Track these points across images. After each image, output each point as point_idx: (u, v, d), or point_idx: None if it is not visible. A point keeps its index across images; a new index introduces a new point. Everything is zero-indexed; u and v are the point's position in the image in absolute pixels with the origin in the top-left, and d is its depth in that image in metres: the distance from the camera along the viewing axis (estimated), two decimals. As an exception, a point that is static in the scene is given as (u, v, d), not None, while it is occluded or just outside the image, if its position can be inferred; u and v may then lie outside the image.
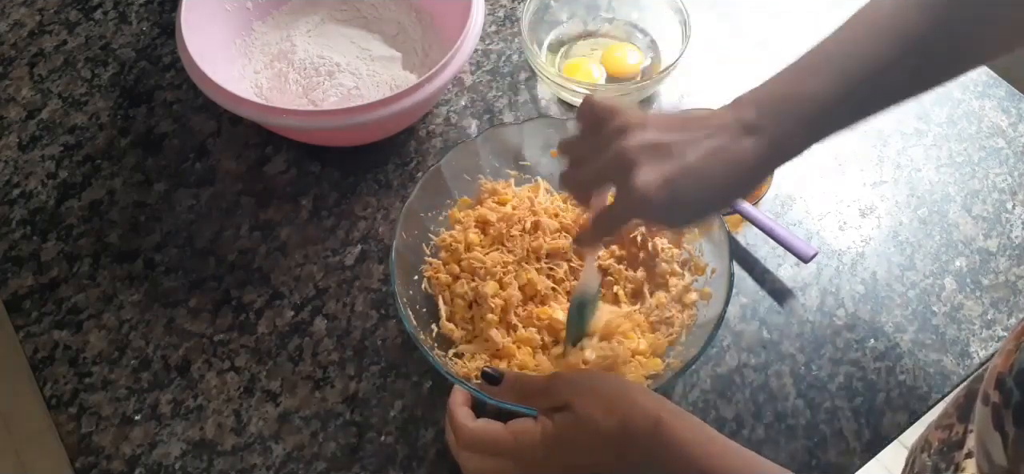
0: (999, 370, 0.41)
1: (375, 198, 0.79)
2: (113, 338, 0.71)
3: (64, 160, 0.82)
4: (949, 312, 0.73)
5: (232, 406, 0.67)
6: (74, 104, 0.86)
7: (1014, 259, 0.75)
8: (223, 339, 0.71)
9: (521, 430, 0.53)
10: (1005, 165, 0.81)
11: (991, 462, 0.41)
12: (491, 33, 0.90)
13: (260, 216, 0.78)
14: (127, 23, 0.92)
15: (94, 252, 0.76)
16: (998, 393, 0.41)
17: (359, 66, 0.83)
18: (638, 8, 0.90)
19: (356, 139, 0.80)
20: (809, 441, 0.66)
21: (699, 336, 0.62)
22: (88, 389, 0.68)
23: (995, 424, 0.40)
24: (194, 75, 0.73)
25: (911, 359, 0.70)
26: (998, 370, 0.41)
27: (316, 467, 0.64)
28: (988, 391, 0.42)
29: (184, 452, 0.65)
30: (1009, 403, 0.40)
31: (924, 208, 0.79)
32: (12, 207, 0.79)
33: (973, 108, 0.85)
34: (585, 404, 0.52)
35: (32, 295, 0.73)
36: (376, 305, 0.72)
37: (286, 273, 0.74)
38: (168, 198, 0.79)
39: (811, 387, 0.68)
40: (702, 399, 0.68)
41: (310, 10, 0.89)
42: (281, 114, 0.72)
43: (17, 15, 0.93)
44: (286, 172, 0.81)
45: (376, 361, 0.69)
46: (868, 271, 0.75)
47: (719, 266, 0.64)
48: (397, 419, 0.66)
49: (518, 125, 0.72)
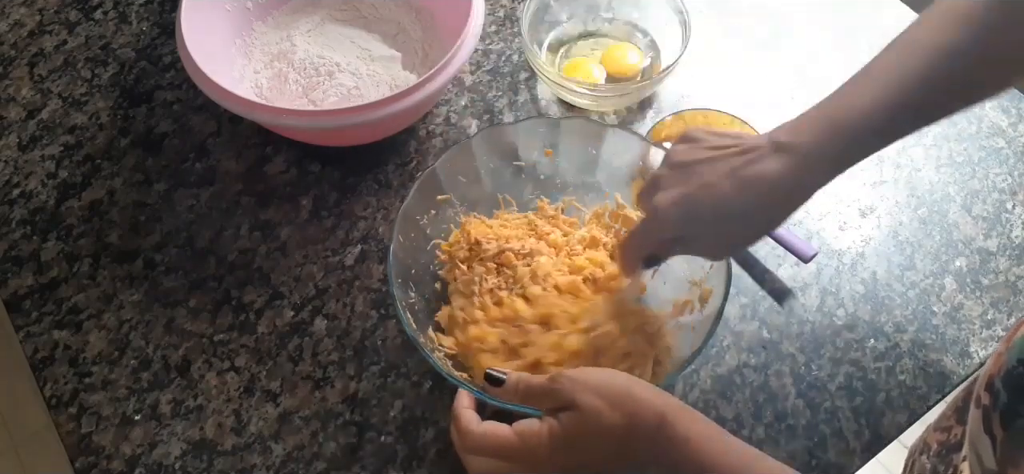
0: (990, 373, 0.41)
1: (375, 198, 0.79)
2: (113, 338, 0.71)
3: (64, 160, 0.82)
4: (949, 312, 0.73)
5: (232, 406, 0.67)
6: (74, 104, 0.86)
7: (1014, 259, 0.75)
8: (223, 339, 0.71)
9: (527, 431, 0.53)
10: (1005, 165, 0.81)
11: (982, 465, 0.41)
12: (491, 33, 0.90)
13: (260, 216, 0.78)
14: (127, 23, 0.92)
15: (94, 252, 0.76)
16: (988, 396, 0.41)
17: (359, 66, 0.83)
18: (638, 8, 0.90)
19: (356, 139, 0.80)
20: (809, 441, 0.66)
21: (698, 333, 0.62)
22: (88, 389, 0.68)
23: (985, 427, 0.40)
24: (194, 75, 0.73)
25: (911, 359, 0.70)
26: (989, 373, 0.41)
27: (316, 467, 0.64)
28: (980, 394, 0.42)
29: (184, 452, 0.65)
30: (997, 406, 0.40)
31: (924, 208, 0.79)
32: (12, 207, 0.79)
33: (973, 108, 0.85)
34: (590, 402, 0.52)
35: (32, 295, 0.73)
36: (376, 305, 0.72)
37: (286, 273, 0.74)
38: (168, 198, 0.79)
39: (811, 387, 0.68)
40: (702, 399, 0.68)
41: (310, 10, 0.89)
42: (281, 114, 0.72)
43: (17, 15, 0.93)
44: (286, 172, 0.81)
45: (376, 361, 0.69)
46: (868, 271, 0.75)
47: (717, 262, 0.64)
48: (397, 419, 0.66)
49: (513, 125, 0.72)
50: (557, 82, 0.82)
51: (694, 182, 0.52)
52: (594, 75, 0.85)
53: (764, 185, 0.52)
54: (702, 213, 0.52)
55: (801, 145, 0.52)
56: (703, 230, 0.54)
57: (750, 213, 0.53)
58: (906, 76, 0.52)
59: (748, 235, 0.57)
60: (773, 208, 0.54)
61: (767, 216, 0.54)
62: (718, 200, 0.52)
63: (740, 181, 0.51)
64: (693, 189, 0.52)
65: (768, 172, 0.51)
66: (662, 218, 0.52)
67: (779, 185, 0.52)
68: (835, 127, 0.52)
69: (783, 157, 0.52)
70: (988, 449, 0.40)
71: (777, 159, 0.52)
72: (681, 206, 0.52)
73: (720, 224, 0.54)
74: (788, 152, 0.52)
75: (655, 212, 0.53)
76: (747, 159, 0.52)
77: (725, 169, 0.52)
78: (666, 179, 0.54)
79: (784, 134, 0.52)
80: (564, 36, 0.90)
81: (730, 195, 0.52)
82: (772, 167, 0.51)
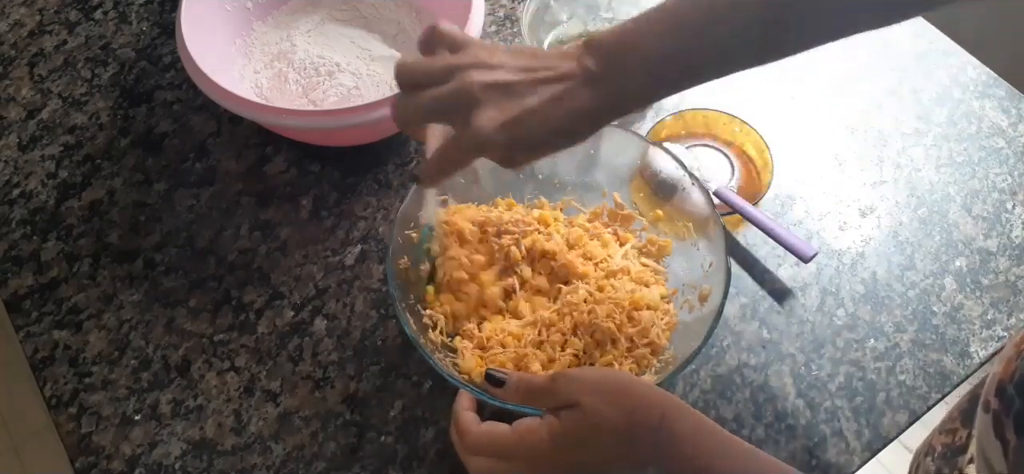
0: (1000, 377, 0.41)
1: (375, 198, 0.79)
2: (113, 338, 0.71)
3: (64, 160, 0.82)
4: (949, 312, 0.73)
5: (232, 406, 0.67)
6: (74, 104, 0.86)
7: (1014, 259, 0.75)
8: (223, 339, 0.71)
9: (527, 430, 0.53)
10: (1005, 165, 0.81)
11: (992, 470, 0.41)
12: (491, 33, 0.90)
13: (260, 216, 0.78)
14: (127, 23, 0.92)
15: (94, 252, 0.76)
16: (998, 400, 0.40)
17: (359, 66, 0.83)
18: (638, 8, 0.89)
19: (356, 139, 0.80)
20: (809, 441, 0.66)
21: (698, 332, 0.62)
22: (88, 389, 0.68)
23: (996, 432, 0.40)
24: (194, 75, 0.73)
25: (911, 359, 0.70)
26: (999, 377, 0.41)
27: (316, 467, 0.64)
28: (989, 398, 0.41)
29: (184, 452, 0.65)
30: (1010, 411, 0.39)
31: (924, 208, 0.79)
32: (12, 207, 0.79)
33: (973, 108, 0.85)
34: (592, 401, 0.52)
35: (32, 295, 0.73)
36: (376, 305, 0.72)
37: (286, 273, 0.74)
38: (168, 198, 0.79)
39: (811, 387, 0.68)
40: (702, 399, 0.68)
41: (310, 10, 0.89)
42: (281, 114, 0.72)
43: (17, 15, 0.93)
44: (286, 172, 0.81)
45: (376, 361, 0.69)
46: (868, 271, 0.75)
47: (716, 260, 0.65)
48: (397, 419, 0.66)
49: None
50: (557, 82, 0.82)
51: (516, 106, 0.52)
52: (594, 75, 0.84)
53: (582, 114, 0.53)
54: (525, 138, 0.53)
55: (611, 80, 0.53)
56: (519, 151, 0.55)
57: (565, 136, 0.55)
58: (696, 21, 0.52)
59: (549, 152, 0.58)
60: (586, 132, 0.56)
61: (578, 138, 0.56)
62: (541, 126, 0.53)
63: (564, 110, 0.53)
64: (516, 113, 0.52)
65: (585, 103, 0.53)
66: (485, 139, 0.52)
67: (594, 114, 0.54)
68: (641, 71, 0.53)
69: (596, 89, 0.53)
70: (998, 453, 0.40)
71: (591, 90, 0.53)
72: (505, 131, 0.52)
73: (542, 146, 0.55)
74: (600, 84, 0.53)
75: (478, 133, 0.52)
76: (565, 87, 0.53)
77: (547, 95, 0.53)
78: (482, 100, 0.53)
79: (595, 61, 0.53)
80: (564, 36, 0.90)
81: (553, 122, 0.53)
82: (588, 97, 0.53)
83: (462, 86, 0.52)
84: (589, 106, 0.53)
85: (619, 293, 0.65)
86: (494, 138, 0.52)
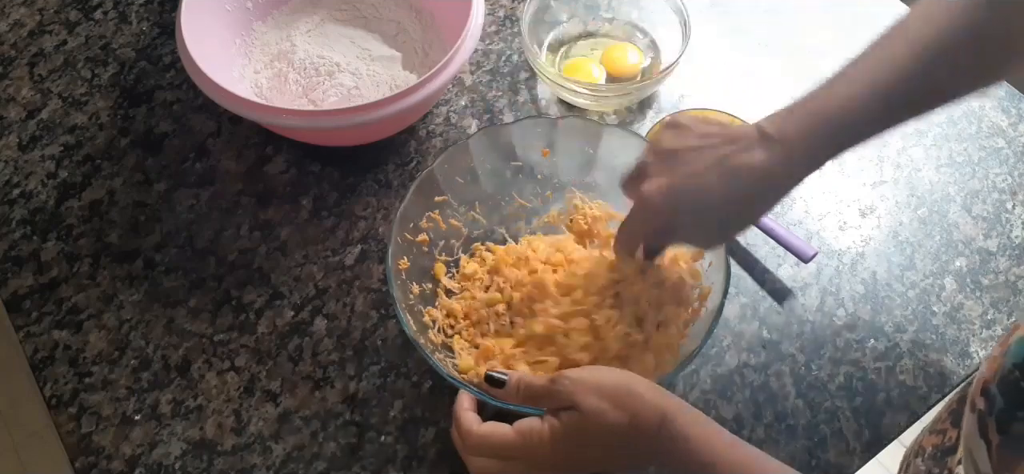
0: (985, 378, 0.41)
1: (375, 198, 0.79)
2: (113, 338, 0.71)
3: (64, 160, 0.82)
4: (949, 312, 0.73)
5: (232, 406, 0.67)
6: (74, 104, 0.86)
7: (1014, 259, 0.75)
8: (223, 339, 0.71)
9: (528, 430, 0.53)
10: (1005, 165, 0.81)
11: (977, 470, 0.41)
12: (491, 33, 0.90)
13: (260, 216, 0.78)
14: (127, 23, 0.92)
15: (94, 252, 0.76)
16: (983, 400, 0.41)
17: (359, 66, 0.83)
18: (638, 8, 0.90)
19: (356, 139, 0.80)
20: (809, 441, 0.66)
21: (698, 331, 0.62)
22: (88, 389, 0.68)
23: (981, 431, 0.40)
24: (194, 75, 0.73)
25: (911, 359, 0.70)
26: (984, 378, 0.41)
27: (316, 467, 0.64)
28: (975, 399, 0.42)
29: (184, 452, 0.65)
30: (993, 410, 0.40)
31: (924, 208, 0.79)
32: (12, 207, 0.79)
33: (973, 108, 0.85)
34: (593, 401, 0.52)
35: (32, 295, 0.73)
36: (376, 305, 0.72)
37: (286, 273, 0.74)
38: (168, 198, 0.79)
39: (811, 387, 0.68)
40: (702, 399, 0.68)
41: (310, 10, 0.89)
42: (281, 114, 0.72)
43: (17, 15, 0.93)
44: (286, 172, 0.81)
45: (376, 361, 0.69)
46: (868, 271, 0.75)
47: (715, 260, 0.64)
48: (397, 419, 0.66)
49: (510, 125, 0.72)
50: (557, 82, 0.82)
51: (680, 171, 0.52)
52: (594, 75, 0.85)
53: (750, 175, 0.52)
54: (688, 202, 0.52)
55: (787, 136, 0.52)
56: (691, 219, 0.54)
57: (736, 202, 0.54)
58: (893, 69, 0.52)
59: (736, 224, 0.57)
60: (759, 198, 0.54)
61: (753, 205, 0.54)
62: (704, 189, 0.52)
63: (726, 171, 0.52)
64: (679, 178, 0.52)
65: (754, 162, 0.52)
66: (649, 206, 0.52)
67: (765, 175, 0.52)
68: (821, 119, 0.52)
69: (769, 147, 0.52)
70: (983, 454, 0.40)
71: (763, 149, 0.52)
72: (668, 195, 0.52)
73: (707, 213, 0.54)
74: (774, 142, 0.52)
75: (643, 201, 0.53)
76: (734, 149, 0.52)
77: (712, 158, 0.52)
78: (652, 167, 0.54)
79: (770, 125, 0.53)
80: (564, 36, 0.90)
81: (716, 184, 0.52)
82: (758, 157, 0.52)
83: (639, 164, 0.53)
84: (758, 165, 0.51)
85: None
86: (653, 203, 0.51)
